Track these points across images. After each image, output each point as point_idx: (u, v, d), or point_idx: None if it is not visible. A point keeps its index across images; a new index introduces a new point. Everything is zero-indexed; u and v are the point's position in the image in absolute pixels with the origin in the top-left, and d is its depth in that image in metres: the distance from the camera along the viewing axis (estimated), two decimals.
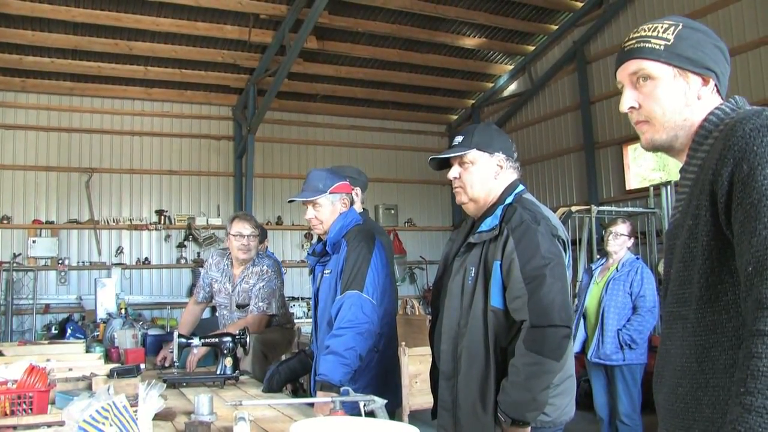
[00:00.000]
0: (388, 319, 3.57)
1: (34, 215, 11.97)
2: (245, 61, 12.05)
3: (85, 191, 12.22)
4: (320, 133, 14.02)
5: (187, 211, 12.81)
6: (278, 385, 4.00)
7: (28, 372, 3.20)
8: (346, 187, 3.74)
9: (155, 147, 12.83)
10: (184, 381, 4.21)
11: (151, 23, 10.84)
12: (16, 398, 3.10)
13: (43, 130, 12.20)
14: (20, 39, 10.84)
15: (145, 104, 12.84)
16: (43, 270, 11.87)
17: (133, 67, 12.00)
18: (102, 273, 11.68)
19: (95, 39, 11.12)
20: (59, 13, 10.35)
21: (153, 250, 12.58)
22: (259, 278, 5.01)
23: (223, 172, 13.21)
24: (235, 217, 5.16)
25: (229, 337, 4.30)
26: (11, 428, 2.82)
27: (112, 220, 12.34)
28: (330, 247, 3.64)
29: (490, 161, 2.93)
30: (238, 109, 13.03)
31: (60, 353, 4.95)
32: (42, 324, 11.33)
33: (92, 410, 2.14)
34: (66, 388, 3.61)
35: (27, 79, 11.96)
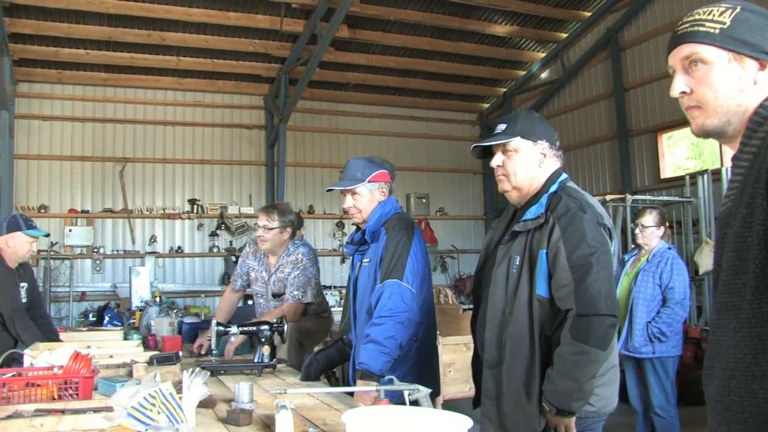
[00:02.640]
0: (426, 307, 3.56)
1: (70, 204, 12.15)
2: (276, 51, 12.07)
3: (119, 181, 12.37)
4: (351, 122, 14.02)
5: (220, 200, 12.90)
6: (316, 374, 4.01)
7: (74, 358, 3.25)
8: (385, 176, 3.73)
9: (187, 136, 12.93)
10: (222, 369, 4.24)
11: (183, 14, 10.91)
12: (62, 383, 3.15)
13: (79, 120, 12.36)
14: (57, 32, 10.99)
15: (177, 94, 12.93)
16: (79, 258, 12.05)
17: (165, 57, 12.09)
18: (136, 261, 11.83)
19: (128, 30, 11.22)
20: (94, 5, 10.46)
21: (186, 239, 12.70)
22: (294, 267, 5.02)
23: (255, 161, 13.27)
24: (259, 209, 5.21)
25: (266, 325, 4.31)
26: (59, 412, 2.85)
27: (146, 209, 12.48)
28: (369, 235, 3.63)
29: (534, 149, 2.91)
30: (269, 99, 13.07)
31: (99, 340, 5.02)
32: (78, 311, 11.50)
33: (140, 397, 2.16)
34: (107, 375, 3.65)
35: (63, 71, 12.12)
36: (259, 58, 12.38)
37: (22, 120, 11.89)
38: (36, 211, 11.67)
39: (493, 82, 14.31)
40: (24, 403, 3.06)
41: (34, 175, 12.04)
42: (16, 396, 3.11)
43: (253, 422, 2.97)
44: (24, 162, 11.89)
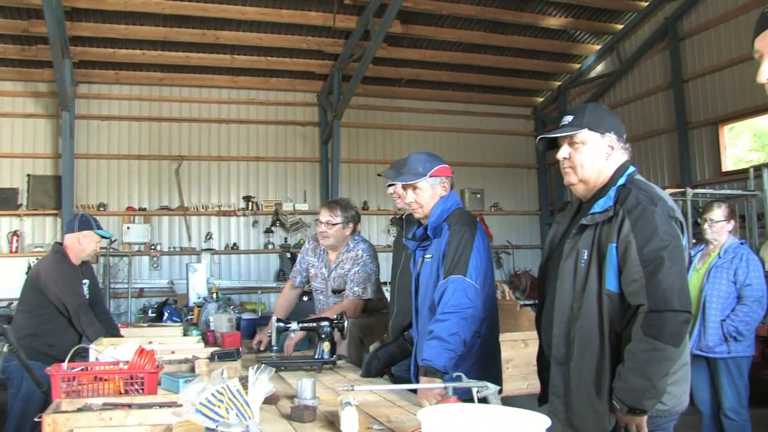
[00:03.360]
0: (489, 303, 3.51)
1: (127, 202, 12.35)
2: (330, 47, 12.09)
3: (175, 178, 12.53)
4: (405, 117, 13.95)
5: (274, 197, 12.98)
6: (377, 370, 4.00)
7: (138, 354, 3.28)
8: (446, 171, 3.69)
9: (242, 134, 13.03)
10: (282, 365, 4.25)
11: (236, 12, 11.00)
12: (128, 378, 3.18)
13: (135, 120, 12.55)
14: (114, 33, 11.19)
15: (231, 92, 13.03)
16: (137, 255, 12.24)
17: (219, 56, 12.20)
18: (192, 258, 11.96)
19: (183, 30, 11.36)
20: (149, 5, 10.63)
21: (241, 236, 12.80)
22: (354, 263, 5.01)
23: (309, 158, 13.30)
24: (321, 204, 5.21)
25: (326, 321, 4.31)
26: (126, 406, 2.88)
27: (202, 207, 12.61)
28: (431, 231, 3.59)
29: (602, 141, 2.85)
30: (323, 95, 13.09)
31: (160, 336, 5.07)
32: (136, 307, 11.67)
33: (208, 393, 2.16)
34: (170, 370, 3.68)
35: (120, 71, 12.32)
36: (313, 55, 12.41)
37: (81, 120, 12.13)
38: (95, 209, 11.89)
39: (547, 76, 14.13)
40: (92, 396, 3.11)
41: (93, 174, 12.28)
42: (85, 389, 3.17)
43: (317, 419, 2.97)
44: (84, 161, 12.13)
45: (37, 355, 4.68)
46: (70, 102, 11.18)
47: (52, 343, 5.14)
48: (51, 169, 12.04)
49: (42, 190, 11.85)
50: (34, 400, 4.87)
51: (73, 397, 3.11)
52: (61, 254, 5.33)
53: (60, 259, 5.31)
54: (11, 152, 11.90)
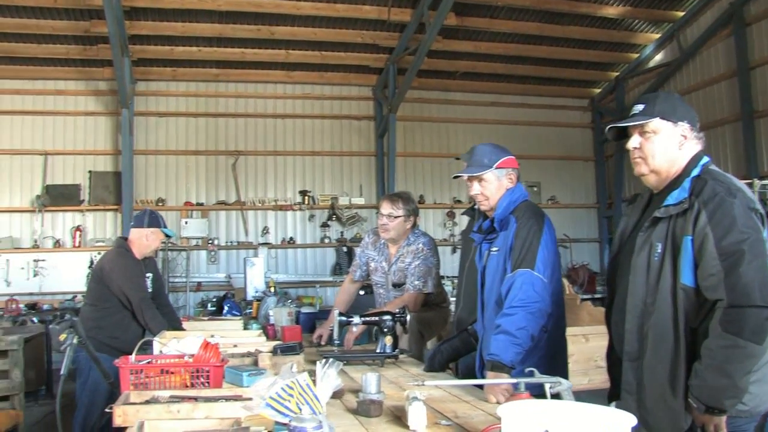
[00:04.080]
0: (556, 297, 3.44)
1: (185, 197, 12.54)
2: (384, 41, 12.06)
3: (232, 173, 12.64)
4: (460, 110, 13.85)
5: (330, 191, 13.01)
6: (440, 365, 3.95)
7: (204, 347, 3.29)
8: (512, 162, 3.62)
9: (298, 129, 13.09)
10: (344, 359, 4.22)
11: (291, 7, 11.04)
12: (194, 371, 3.20)
13: (192, 116, 12.71)
14: (171, 31, 11.36)
15: (286, 87, 13.10)
16: (195, 250, 12.42)
17: (274, 51, 12.27)
18: (249, 252, 12.05)
19: (238, 26, 11.44)
20: (206, 3, 10.73)
21: (297, 230, 12.88)
22: (414, 257, 4.98)
23: (365, 152, 13.31)
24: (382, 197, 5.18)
25: (388, 315, 4.27)
26: (193, 399, 2.89)
27: (258, 201, 12.71)
28: (497, 223, 3.53)
29: (674, 131, 2.76)
30: (378, 89, 13.07)
31: (221, 330, 5.11)
32: (194, 301, 11.83)
33: (278, 387, 2.14)
34: (233, 364, 3.68)
35: (177, 68, 12.49)
36: (367, 49, 12.39)
37: (140, 117, 12.34)
38: (154, 204, 12.08)
39: (604, 66, 13.89)
40: (159, 389, 3.13)
41: (152, 169, 12.49)
42: (152, 382, 3.19)
43: (383, 413, 2.94)
44: (143, 157, 12.34)
45: (102, 347, 4.76)
46: (129, 99, 11.40)
47: (117, 335, 5.23)
48: (111, 166, 12.30)
49: (103, 186, 12.11)
50: (100, 390, 4.97)
51: (141, 389, 3.14)
52: (124, 248, 5.41)
53: (123, 254, 5.39)
54: (74, 149, 12.21)
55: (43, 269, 11.83)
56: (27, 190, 12.06)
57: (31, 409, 8.45)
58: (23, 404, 7.97)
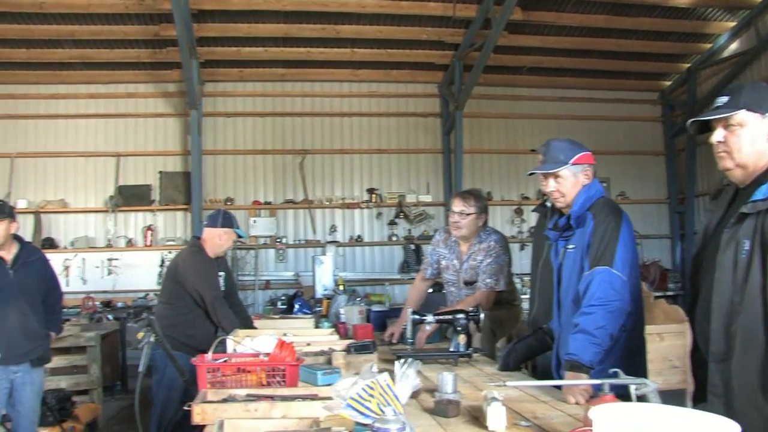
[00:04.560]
0: (635, 296, 3.36)
1: (253, 196, 12.66)
2: (449, 37, 11.97)
3: (299, 172, 12.72)
4: (526, 106, 13.65)
5: (398, 189, 12.96)
6: (515, 364, 3.91)
7: (279, 346, 3.31)
8: (589, 158, 3.56)
9: (364, 127, 13.10)
10: (417, 358, 4.20)
11: (356, 6, 11.03)
12: (270, 370, 3.22)
13: (259, 115, 12.82)
14: (238, 32, 11.50)
15: (352, 85, 13.12)
16: (263, 248, 12.53)
17: (340, 50, 12.29)
18: (317, 251, 12.11)
19: (304, 25, 11.49)
20: (271, 3, 10.82)
21: (365, 228, 12.87)
22: (486, 254, 4.94)
23: (432, 149, 13.22)
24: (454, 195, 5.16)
25: (462, 314, 4.24)
26: (269, 398, 2.91)
27: (326, 200, 12.75)
28: (574, 221, 3.46)
29: (762, 123, 2.63)
30: (444, 86, 12.98)
31: (293, 328, 5.14)
32: (263, 299, 11.95)
33: (358, 388, 2.13)
34: (307, 363, 3.70)
35: (244, 69, 12.62)
36: (433, 46, 12.32)
37: (208, 118, 12.51)
38: (223, 203, 12.23)
39: (675, 58, 13.50)
40: (235, 387, 3.16)
41: (220, 169, 12.65)
42: (228, 381, 3.22)
43: (460, 413, 2.91)
44: (211, 157, 12.51)
45: (176, 344, 4.83)
46: (197, 101, 11.59)
47: (191, 333, 5.32)
48: (180, 166, 12.51)
49: (173, 186, 12.34)
50: (176, 387, 5.07)
51: (218, 387, 3.18)
52: (198, 248, 5.49)
53: (197, 252, 5.47)
54: (144, 150, 12.46)
55: (116, 268, 12.14)
56: (101, 191, 12.38)
57: (108, 403, 8.69)
58: (101, 398, 8.21)
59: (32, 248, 5.70)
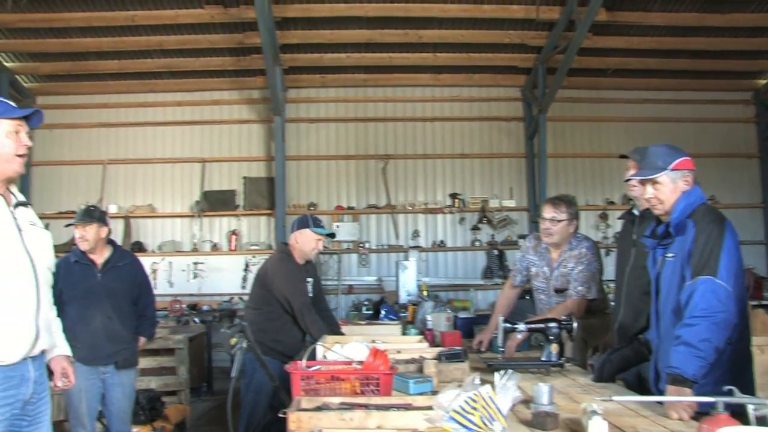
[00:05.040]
0: (740, 307, 3.21)
1: (336, 201, 12.74)
2: (532, 40, 11.82)
3: (382, 177, 12.76)
4: (611, 108, 13.32)
5: (480, 194, 12.84)
6: (610, 375, 3.81)
7: (373, 354, 3.29)
8: (689, 163, 3.44)
9: (446, 131, 13.03)
10: (508, 367, 4.13)
11: (438, 10, 11.01)
12: (363, 378, 3.20)
13: (342, 121, 12.92)
14: (320, 39, 11.64)
15: (434, 90, 13.09)
16: (346, 253, 12.62)
17: (422, 54, 12.27)
18: (399, 256, 12.07)
19: (386, 31, 11.52)
20: (353, 9, 10.90)
21: (448, 233, 12.79)
22: (578, 262, 4.83)
23: (515, 153, 13.05)
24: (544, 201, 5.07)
25: (554, 322, 4.16)
26: (363, 407, 2.89)
27: (408, 205, 12.73)
28: (673, 228, 3.35)
29: None
30: (526, 90, 12.84)
31: (381, 334, 5.12)
32: (346, 303, 12.02)
33: (461, 400, 2.10)
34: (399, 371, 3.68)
35: (326, 75, 12.74)
36: (515, 49, 12.18)
37: (291, 124, 12.65)
38: (306, 208, 12.34)
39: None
40: (329, 395, 3.15)
41: (303, 174, 12.78)
42: (322, 389, 3.22)
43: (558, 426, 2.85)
44: (294, 163, 12.65)
45: (265, 350, 4.86)
46: (281, 107, 11.75)
47: (279, 339, 5.36)
48: (264, 172, 12.72)
49: (257, 192, 12.53)
50: (264, 391, 5.13)
51: (311, 395, 3.18)
52: (286, 254, 5.53)
53: (285, 259, 5.51)
54: (229, 156, 12.71)
55: (201, 271, 12.39)
56: (187, 197, 12.71)
57: (195, 404, 8.86)
58: (189, 399, 8.38)
59: (124, 253, 5.84)
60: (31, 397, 3.08)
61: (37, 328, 3.08)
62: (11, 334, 2.96)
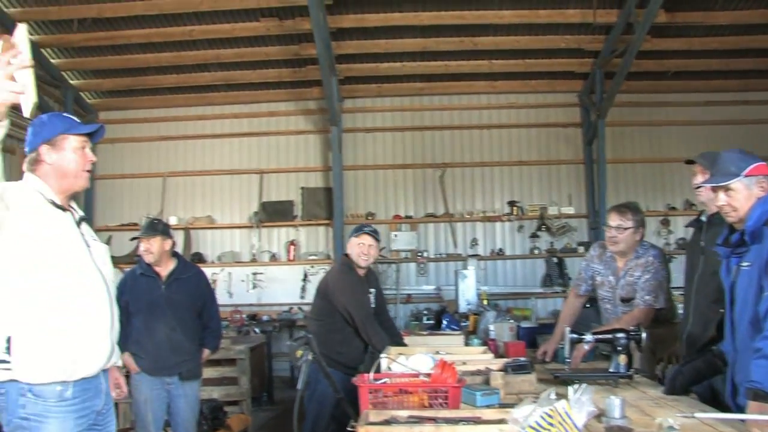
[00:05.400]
0: None
1: (394, 211, 12.76)
2: (589, 44, 11.67)
3: (439, 186, 12.72)
4: (672, 112, 13.03)
5: (539, 201, 12.70)
6: (682, 387, 3.70)
7: (441, 367, 3.26)
8: (763, 169, 3.33)
9: (503, 139, 12.95)
10: (576, 378, 4.07)
11: (493, 17, 10.97)
12: (432, 391, 3.17)
13: (398, 130, 12.94)
14: (376, 48, 11.69)
15: (490, 97, 13.01)
16: (404, 262, 12.61)
17: (477, 62, 12.24)
18: (458, 264, 11.99)
19: (441, 39, 11.53)
20: (408, 18, 10.94)
21: (506, 241, 12.70)
22: (644, 270, 4.73)
23: (573, 160, 12.88)
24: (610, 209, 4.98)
25: (622, 333, 4.07)
26: (431, 420, 2.86)
27: (466, 213, 12.68)
28: (749, 236, 3.24)
29: None
30: (584, 95, 12.67)
31: (444, 345, 5.09)
32: (404, 313, 11.99)
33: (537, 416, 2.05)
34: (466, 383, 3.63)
35: (382, 84, 12.77)
36: (572, 54, 12.06)
37: (348, 134, 12.71)
38: (364, 218, 12.38)
39: None
40: (397, 409, 3.13)
41: (361, 184, 12.85)
42: (390, 402, 3.20)
43: None
44: (352, 172, 12.70)
45: (327, 361, 4.84)
46: (337, 117, 11.80)
47: (341, 350, 5.36)
48: (322, 182, 12.81)
49: (314, 202, 12.61)
50: (326, 402, 5.16)
51: (380, 408, 3.15)
52: (347, 266, 5.53)
53: (345, 270, 5.51)
54: (287, 167, 12.83)
55: (260, 282, 12.51)
56: (245, 208, 12.87)
57: (256, 413, 8.93)
58: (250, 409, 8.45)
59: (188, 265, 5.90)
60: (102, 408, 3.14)
61: (111, 342, 3.15)
62: (91, 348, 3.03)
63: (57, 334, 2.92)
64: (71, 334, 2.96)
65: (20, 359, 2.84)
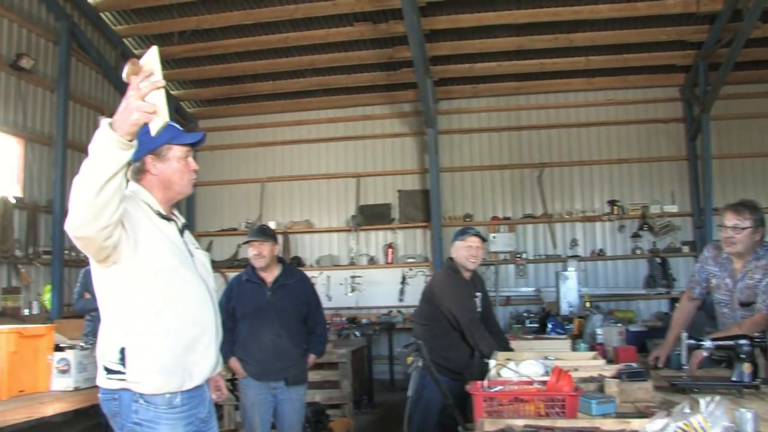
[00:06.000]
0: None
1: (492, 212, 12.69)
2: (691, 36, 11.31)
3: (537, 186, 12.58)
4: None
5: (640, 200, 12.38)
6: None
7: (557, 374, 3.19)
8: None
9: (602, 136, 12.71)
10: (695, 386, 3.90)
11: (589, 12, 10.79)
12: (548, 400, 3.10)
13: (494, 130, 12.86)
14: (470, 49, 11.66)
15: (588, 95, 12.80)
16: (503, 264, 12.50)
17: (574, 59, 12.06)
18: (557, 266, 11.83)
19: (536, 37, 11.41)
20: (502, 17, 10.88)
21: (607, 241, 12.44)
22: (765, 272, 4.50)
23: (675, 156, 12.49)
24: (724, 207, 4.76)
25: (745, 339, 3.88)
26: (549, 430, 2.79)
27: (565, 213, 12.51)
28: None
29: None
30: (686, 88, 12.26)
31: (551, 350, 4.97)
32: (503, 315, 11.79)
33: (671, 431, 1.97)
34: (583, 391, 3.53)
35: (477, 85, 12.73)
36: (673, 47, 11.72)
37: (444, 135, 12.72)
38: (461, 220, 12.37)
39: None
40: (512, 417, 3.06)
41: (458, 186, 12.83)
42: (505, 410, 3.14)
43: None
44: (448, 174, 12.68)
45: (435, 367, 4.83)
46: (433, 119, 11.78)
47: (447, 355, 5.31)
48: (418, 184, 12.84)
49: (411, 204, 12.63)
50: (432, 407, 5.12)
51: (494, 417, 3.10)
52: (453, 270, 5.48)
53: (451, 275, 5.46)
54: (383, 170, 12.93)
55: (359, 285, 12.61)
56: (342, 211, 13.03)
57: (357, 417, 8.96)
58: (352, 412, 8.50)
59: (293, 270, 5.95)
60: (206, 415, 3.19)
61: (217, 352, 3.18)
62: (200, 360, 3.07)
63: (168, 346, 2.96)
64: (182, 345, 3.00)
65: (134, 371, 2.90)
